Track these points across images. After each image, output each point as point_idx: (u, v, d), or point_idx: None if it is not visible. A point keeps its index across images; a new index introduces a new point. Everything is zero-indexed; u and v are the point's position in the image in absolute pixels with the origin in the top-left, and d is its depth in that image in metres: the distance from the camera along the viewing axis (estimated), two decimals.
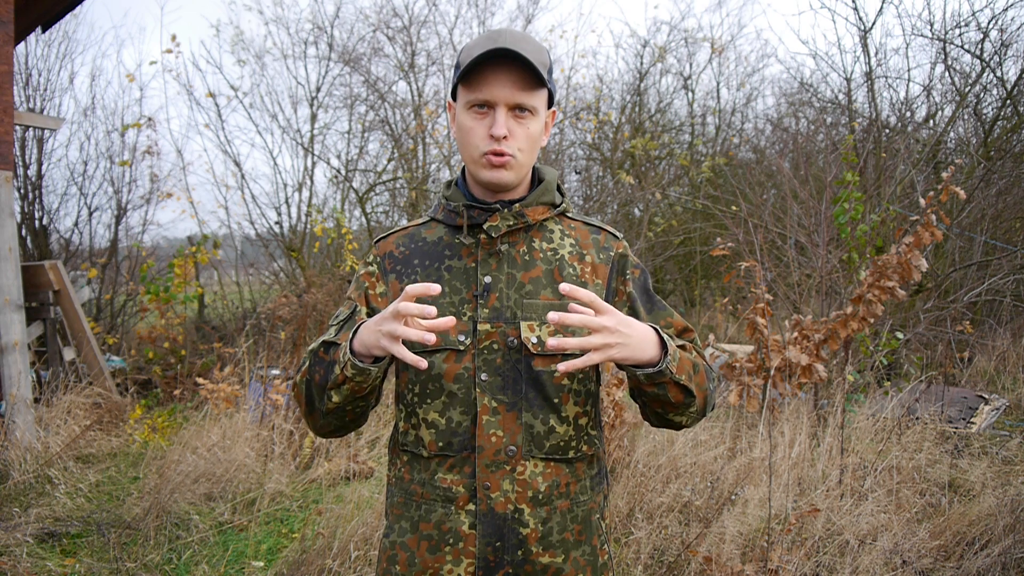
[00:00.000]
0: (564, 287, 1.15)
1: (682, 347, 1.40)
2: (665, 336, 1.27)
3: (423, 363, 1.15)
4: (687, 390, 1.29)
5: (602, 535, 1.46)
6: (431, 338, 1.12)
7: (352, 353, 1.25)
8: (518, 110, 1.34)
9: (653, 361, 1.25)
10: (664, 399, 1.30)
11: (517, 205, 1.40)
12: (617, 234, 1.50)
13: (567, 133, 10.97)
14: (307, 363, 1.36)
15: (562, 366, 1.17)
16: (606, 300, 1.43)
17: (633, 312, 1.43)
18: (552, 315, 1.13)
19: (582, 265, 1.43)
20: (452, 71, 1.42)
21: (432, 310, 1.12)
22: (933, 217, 4.10)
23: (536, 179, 1.47)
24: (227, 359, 6.82)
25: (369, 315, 1.44)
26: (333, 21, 10.09)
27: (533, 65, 1.29)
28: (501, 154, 1.34)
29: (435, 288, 1.16)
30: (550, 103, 1.42)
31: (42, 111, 9.43)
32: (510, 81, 1.31)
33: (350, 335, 1.27)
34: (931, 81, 8.94)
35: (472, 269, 1.40)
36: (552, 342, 1.14)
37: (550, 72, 1.38)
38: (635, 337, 1.21)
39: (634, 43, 16.45)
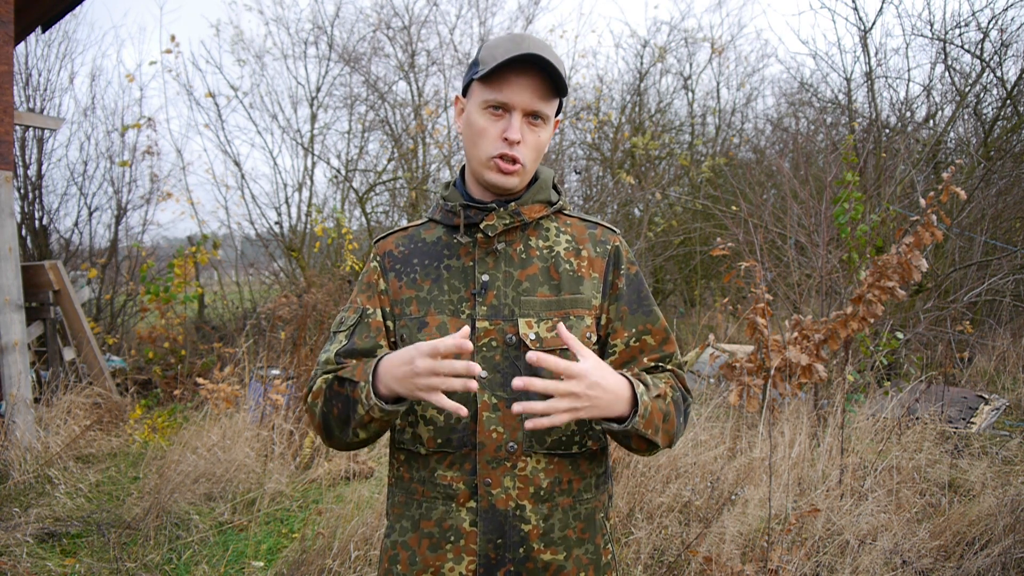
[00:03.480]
0: (531, 357, 1.14)
1: (655, 369, 1.42)
2: (639, 391, 1.26)
3: (464, 410, 1.17)
4: (651, 442, 1.31)
5: (606, 534, 1.45)
6: (474, 385, 1.15)
7: (376, 394, 1.26)
8: (533, 117, 1.35)
9: (622, 417, 1.25)
10: (626, 445, 1.34)
11: (513, 204, 1.40)
12: (614, 228, 1.51)
13: (567, 133, 10.97)
14: (321, 392, 1.37)
15: (529, 423, 1.16)
16: (603, 293, 1.43)
17: (615, 308, 1.43)
18: (517, 381, 1.13)
19: (578, 260, 1.43)
20: (468, 66, 1.42)
21: (467, 345, 1.13)
22: (933, 217, 4.09)
23: (532, 178, 1.48)
24: (227, 359, 6.82)
25: (385, 316, 1.44)
26: (333, 21, 10.11)
27: (558, 73, 1.31)
28: (513, 160, 1.34)
29: (467, 345, 1.14)
30: (558, 111, 1.44)
31: (42, 111, 9.43)
32: (531, 87, 1.33)
33: (368, 373, 1.27)
34: (931, 81, 8.96)
35: (470, 268, 1.41)
36: (517, 407, 1.14)
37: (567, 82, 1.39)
38: (604, 399, 1.20)
39: (634, 43, 16.47)
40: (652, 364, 1.44)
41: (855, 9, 8.32)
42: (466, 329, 1.16)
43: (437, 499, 1.38)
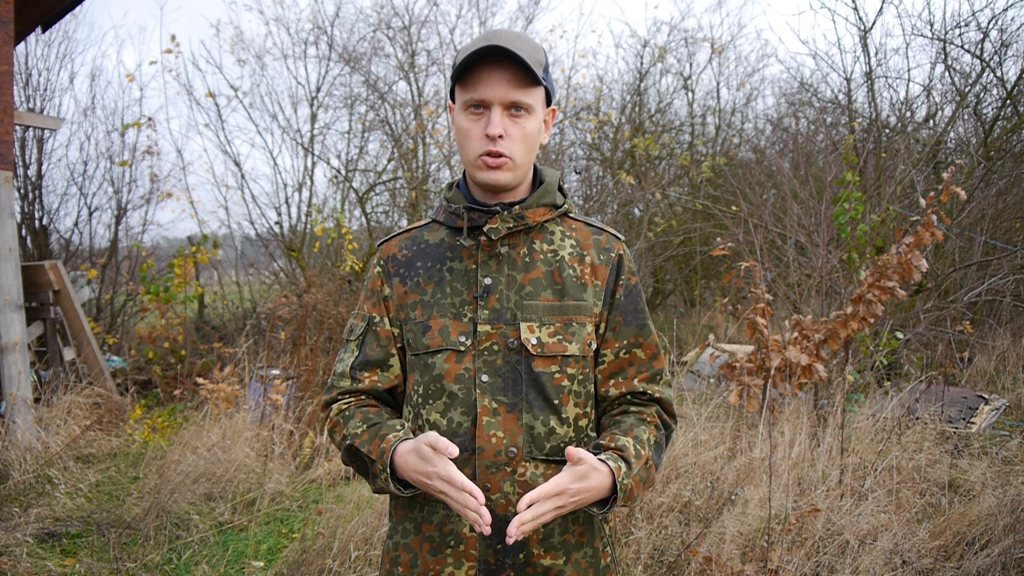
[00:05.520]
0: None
1: (643, 396, 1.45)
2: (619, 478, 1.28)
3: (486, 525, 1.18)
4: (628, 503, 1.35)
5: (605, 538, 1.45)
6: (487, 518, 1.19)
7: (394, 476, 1.32)
8: (514, 109, 1.33)
9: (605, 500, 1.30)
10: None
11: (517, 207, 1.39)
12: (619, 236, 1.50)
13: (567, 133, 10.97)
14: (339, 429, 1.41)
15: (518, 529, 1.19)
16: (604, 301, 1.43)
17: (611, 318, 1.44)
18: (512, 527, 1.18)
19: (582, 266, 1.43)
20: (450, 72, 1.42)
21: (484, 508, 1.19)
22: (933, 217, 4.10)
23: (538, 180, 1.47)
24: (227, 359, 6.82)
25: (391, 322, 1.44)
26: (333, 21, 10.09)
27: (526, 62, 1.29)
28: (497, 155, 1.33)
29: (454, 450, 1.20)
30: (548, 101, 1.42)
31: (42, 111, 9.42)
32: (504, 79, 1.31)
33: (386, 461, 1.30)
34: (931, 81, 8.95)
35: (472, 271, 1.40)
36: (512, 531, 1.19)
37: (546, 70, 1.37)
38: (587, 497, 1.25)
39: (634, 43, 16.46)
40: (641, 387, 1.44)
41: (855, 9, 8.31)
42: (454, 449, 1.19)
43: (438, 503, 1.38)
